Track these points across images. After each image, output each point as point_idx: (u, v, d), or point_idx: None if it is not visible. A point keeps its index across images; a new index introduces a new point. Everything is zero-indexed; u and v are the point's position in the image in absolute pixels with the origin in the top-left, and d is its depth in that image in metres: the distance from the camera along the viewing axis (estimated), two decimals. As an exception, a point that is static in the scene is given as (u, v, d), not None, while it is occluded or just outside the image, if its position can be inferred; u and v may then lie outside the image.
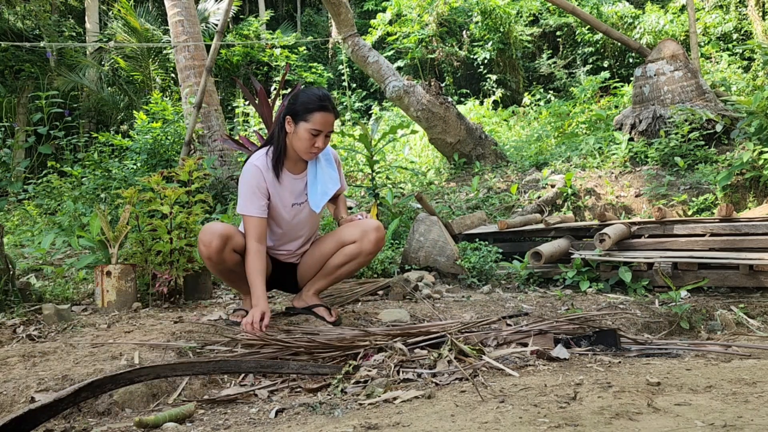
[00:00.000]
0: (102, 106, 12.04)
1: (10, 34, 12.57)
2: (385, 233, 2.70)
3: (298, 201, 2.67)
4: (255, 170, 2.59)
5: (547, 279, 3.91)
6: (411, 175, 6.99)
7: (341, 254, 2.69)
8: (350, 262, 2.70)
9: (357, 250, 2.66)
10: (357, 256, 2.67)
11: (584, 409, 1.49)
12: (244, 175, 2.61)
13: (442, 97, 6.74)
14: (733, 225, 3.63)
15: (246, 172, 2.60)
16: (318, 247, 2.79)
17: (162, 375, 1.86)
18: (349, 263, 2.71)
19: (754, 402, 1.49)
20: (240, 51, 12.36)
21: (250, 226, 2.56)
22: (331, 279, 2.79)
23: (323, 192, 2.64)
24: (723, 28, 11.04)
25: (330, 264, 2.73)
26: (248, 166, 2.61)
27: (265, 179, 2.59)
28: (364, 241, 2.64)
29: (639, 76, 6.35)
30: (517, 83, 12.22)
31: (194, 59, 7.09)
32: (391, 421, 1.52)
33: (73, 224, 5.04)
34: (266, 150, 2.65)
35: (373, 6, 13.83)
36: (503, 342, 2.37)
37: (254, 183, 2.57)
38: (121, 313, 2.95)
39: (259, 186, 2.57)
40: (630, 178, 5.67)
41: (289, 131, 2.56)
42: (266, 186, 2.59)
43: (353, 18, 7.10)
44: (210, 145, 6.81)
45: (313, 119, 2.50)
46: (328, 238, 2.77)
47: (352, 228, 2.69)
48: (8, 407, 1.83)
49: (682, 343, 2.50)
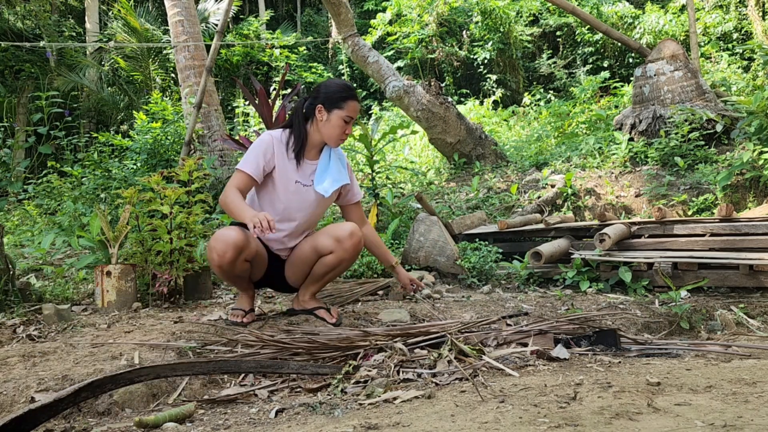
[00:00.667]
0: (102, 106, 12.04)
1: (10, 34, 12.57)
2: (360, 236, 2.68)
3: (303, 181, 2.70)
4: (268, 138, 2.66)
5: (547, 279, 3.90)
6: (411, 175, 6.99)
7: (322, 264, 2.70)
8: (333, 270, 2.73)
9: (336, 259, 2.67)
10: (338, 264, 2.69)
11: (584, 409, 1.49)
12: (257, 140, 2.68)
13: (442, 97, 6.74)
14: (733, 225, 3.63)
15: (259, 139, 2.68)
16: (299, 250, 2.78)
17: (162, 375, 1.86)
18: (333, 271, 2.73)
19: (754, 402, 1.49)
20: (240, 51, 12.36)
21: (238, 179, 2.58)
22: (321, 284, 2.81)
23: (334, 180, 2.71)
24: (723, 28, 11.04)
25: (315, 272, 2.74)
26: (265, 134, 2.70)
27: (274, 150, 2.64)
28: (339, 251, 2.65)
29: (639, 76, 6.35)
30: (517, 83, 12.22)
31: (194, 59, 7.09)
32: (391, 421, 1.52)
33: (73, 224, 5.05)
34: (285, 131, 2.71)
35: (373, 6, 13.83)
36: (503, 342, 2.37)
37: (263, 148, 2.63)
38: (121, 313, 2.95)
39: (266, 152, 2.62)
40: (630, 178, 5.67)
41: (321, 119, 2.65)
42: (273, 156, 2.64)
43: (353, 18, 7.10)
44: (210, 145, 6.81)
45: (347, 107, 2.64)
46: (306, 244, 2.76)
47: (325, 237, 2.68)
48: (8, 407, 1.83)
49: (682, 343, 2.50)
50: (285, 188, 2.67)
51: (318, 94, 2.67)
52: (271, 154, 2.63)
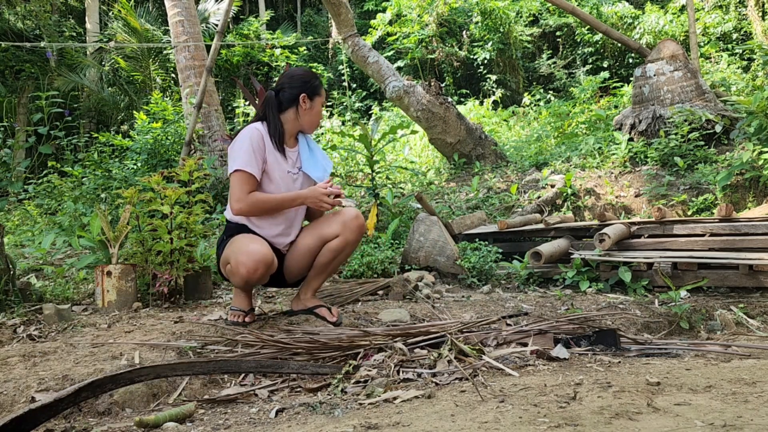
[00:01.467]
0: (102, 106, 12.04)
1: (11, 35, 12.58)
2: (364, 219, 2.76)
3: (292, 170, 2.73)
4: (257, 133, 2.63)
5: (547, 279, 3.91)
6: (411, 175, 6.99)
7: (327, 251, 2.71)
8: (338, 256, 2.73)
9: (342, 243, 2.69)
10: (343, 248, 2.71)
11: (584, 408, 1.49)
12: (243, 136, 2.62)
13: (442, 97, 6.74)
14: (732, 225, 3.63)
15: (246, 134, 2.62)
16: (300, 242, 2.79)
17: (162, 375, 1.87)
18: (338, 257, 2.74)
19: (753, 402, 1.50)
20: (240, 51, 12.36)
21: (247, 184, 2.56)
22: (324, 276, 2.81)
23: (324, 168, 2.77)
24: (723, 28, 11.04)
25: (319, 262, 2.74)
26: (249, 129, 2.64)
27: (265, 144, 2.63)
28: (346, 233, 2.68)
29: (639, 77, 6.36)
30: (517, 83, 12.23)
31: (194, 59, 7.09)
32: (391, 420, 1.52)
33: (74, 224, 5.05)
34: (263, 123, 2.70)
35: (373, 6, 13.83)
36: (503, 342, 2.37)
37: (255, 144, 2.60)
38: (121, 313, 2.95)
39: (259, 148, 2.61)
40: (630, 178, 5.67)
41: (305, 107, 2.70)
42: (265, 150, 2.63)
43: (353, 18, 7.10)
44: (210, 145, 6.82)
45: (323, 93, 2.76)
46: (308, 234, 2.78)
47: (331, 223, 2.72)
48: (8, 407, 1.83)
49: (681, 343, 2.50)
50: (280, 179, 2.68)
51: (295, 83, 2.70)
52: (263, 149, 2.63)
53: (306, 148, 2.79)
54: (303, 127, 2.74)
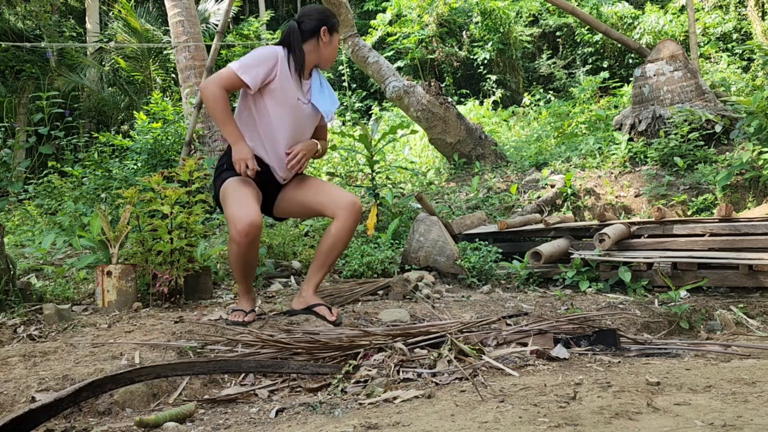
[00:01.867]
0: (102, 106, 12.04)
1: (11, 35, 12.58)
2: (361, 205, 2.82)
3: (302, 99, 2.77)
4: (273, 51, 2.67)
5: (547, 279, 3.91)
6: (411, 175, 6.99)
7: (328, 236, 2.76)
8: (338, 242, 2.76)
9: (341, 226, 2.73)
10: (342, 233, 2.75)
11: (584, 408, 1.49)
12: (260, 50, 2.68)
13: (442, 97, 6.74)
14: (732, 225, 3.63)
15: (266, 50, 2.68)
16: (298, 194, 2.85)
17: (162, 375, 1.87)
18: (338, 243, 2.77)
19: (753, 402, 1.50)
20: (240, 51, 12.35)
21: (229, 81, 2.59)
22: (325, 269, 2.84)
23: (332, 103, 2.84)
24: (722, 29, 11.05)
25: (320, 251, 2.79)
26: (270, 48, 2.70)
27: (279, 66, 2.66)
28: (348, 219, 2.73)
29: (638, 77, 6.36)
30: (517, 83, 12.23)
31: (195, 59, 7.09)
32: (391, 420, 1.52)
33: (74, 224, 5.05)
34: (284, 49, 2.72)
35: (373, 6, 13.83)
36: (503, 342, 2.38)
37: (270, 62, 2.64)
38: (121, 312, 2.95)
39: (268, 64, 2.64)
40: (630, 178, 5.67)
41: (325, 41, 2.74)
42: (277, 72, 2.65)
43: (353, 18, 7.10)
44: (210, 145, 6.82)
45: (338, 30, 2.82)
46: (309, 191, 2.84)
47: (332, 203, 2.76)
48: (9, 407, 1.83)
49: (681, 343, 2.50)
50: (285, 103, 2.71)
51: (317, 16, 2.74)
52: (276, 70, 2.65)
53: (318, 84, 2.84)
54: (321, 59, 2.79)
